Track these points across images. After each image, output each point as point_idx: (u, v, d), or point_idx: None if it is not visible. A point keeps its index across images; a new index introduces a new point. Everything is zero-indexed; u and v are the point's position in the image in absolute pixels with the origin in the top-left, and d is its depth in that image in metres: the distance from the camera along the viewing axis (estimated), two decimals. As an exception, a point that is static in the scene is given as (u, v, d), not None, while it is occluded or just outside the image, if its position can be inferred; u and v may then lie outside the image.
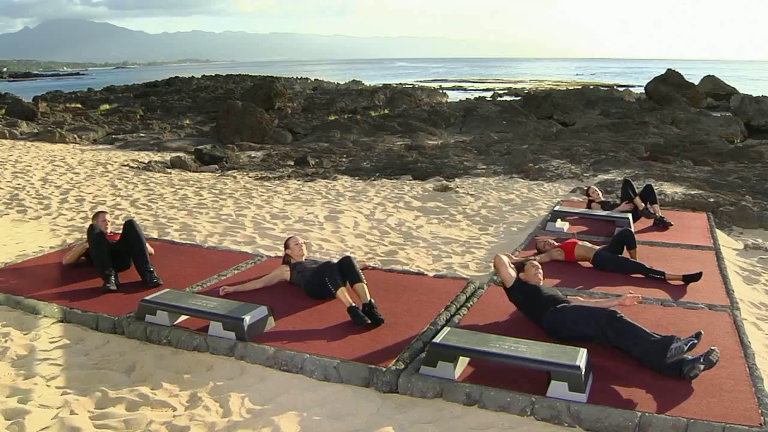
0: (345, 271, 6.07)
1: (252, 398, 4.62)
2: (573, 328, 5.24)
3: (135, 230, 7.02)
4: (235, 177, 15.31)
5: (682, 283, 7.07)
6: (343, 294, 5.86)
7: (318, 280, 6.20)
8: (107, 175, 14.88)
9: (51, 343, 5.52)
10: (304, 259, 6.89)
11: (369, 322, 5.66)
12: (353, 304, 5.77)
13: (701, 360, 4.60)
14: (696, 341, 4.74)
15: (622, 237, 7.81)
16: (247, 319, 5.37)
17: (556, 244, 7.96)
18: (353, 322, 5.66)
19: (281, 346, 5.19)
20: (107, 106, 36.60)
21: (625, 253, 7.70)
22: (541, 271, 6.10)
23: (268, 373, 4.99)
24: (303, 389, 4.74)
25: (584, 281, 7.04)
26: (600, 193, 10.91)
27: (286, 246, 7.01)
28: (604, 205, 10.37)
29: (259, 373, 5.01)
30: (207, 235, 9.59)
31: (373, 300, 5.83)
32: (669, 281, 7.09)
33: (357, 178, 15.17)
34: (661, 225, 9.71)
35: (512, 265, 6.02)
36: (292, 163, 17.36)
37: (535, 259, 6.69)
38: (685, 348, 4.65)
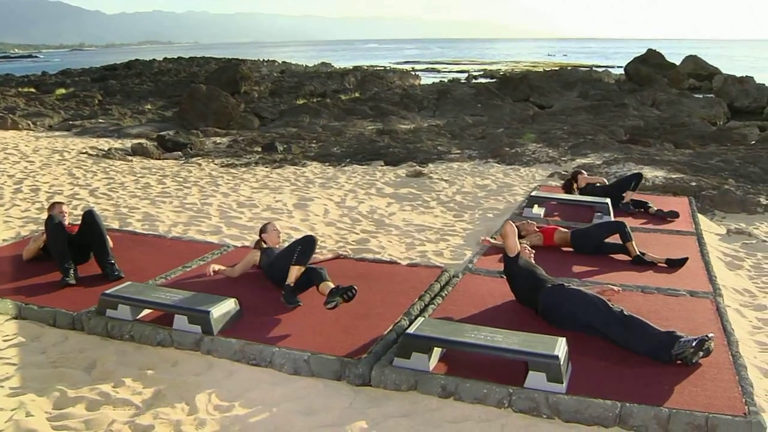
0: (312, 276, 6.04)
1: (219, 394, 4.59)
2: (575, 312, 5.29)
3: (95, 221, 6.93)
4: (199, 164, 15.18)
5: (665, 266, 7.19)
6: (295, 271, 5.94)
7: (281, 261, 6.20)
8: (64, 164, 14.67)
9: (5, 341, 5.43)
10: (276, 246, 6.91)
11: (301, 304, 5.84)
12: (292, 284, 5.91)
13: (702, 349, 4.70)
14: (706, 339, 4.76)
15: (616, 229, 7.69)
16: (214, 311, 5.34)
17: (536, 228, 8.02)
18: (284, 299, 5.85)
19: (249, 340, 5.17)
20: (63, 91, 36.01)
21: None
22: (533, 255, 6.36)
23: (236, 368, 4.97)
24: (272, 384, 4.73)
25: (565, 266, 7.12)
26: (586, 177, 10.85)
27: (263, 231, 7.02)
28: (583, 190, 10.39)
29: (227, 367, 4.98)
30: (171, 224, 9.51)
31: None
32: (651, 262, 7.26)
33: (327, 164, 15.13)
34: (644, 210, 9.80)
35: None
36: (260, 149, 17.24)
37: (527, 244, 6.77)
38: (694, 343, 4.70)
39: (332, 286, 5.76)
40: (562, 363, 4.39)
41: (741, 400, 4.28)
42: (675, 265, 7.22)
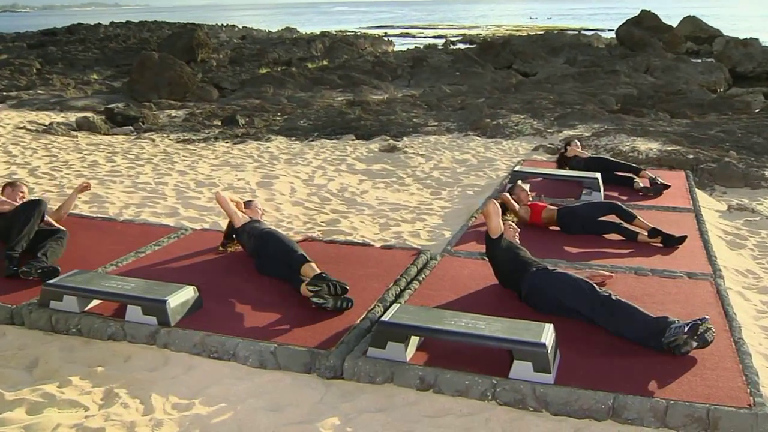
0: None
1: (178, 391, 4.57)
2: (560, 298, 5.32)
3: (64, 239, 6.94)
4: (153, 140, 15.05)
5: (661, 245, 7.23)
6: (311, 268, 5.84)
7: (278, 245, 6.23)
8: None
9: (-67, 338, 5.34)
10: (261, 219, 7.08)
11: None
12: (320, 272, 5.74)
13: (696, 337, 4.65)
14: (699, 323, 4.71)
15: (611, 210, 7.74)
16: (171, 301, 5.30)
17: (530, 199, 8.08)
18: (320, 288, 5.48)
19: (210, 331, 5.14)
20: (-6, 58, 35.38)
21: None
22: (518, 235, 6.37)
23: (196, 362, 4.95)
24: (236, 378, 4.72)
25: (553, 247, 7.17)
26: (579, 147, 10.88)
27: (247, 206, 7.14)
28: (571, 161, 10.39)
29: (186, 362, 4.96)
30: (122, 206, 9.43)
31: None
32: (642, 241, 7.30)
33: (293, 138, 15.08)
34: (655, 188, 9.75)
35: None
36: (219, 123, 17.15)
37: (513, 222, 6.79)
38: (686, 329, 4.67)
39: (317, 270, 5.75)
40: (549, 351, 4.42)
41: (745, 391, 4.30)
42: (672, 243, 7.25)
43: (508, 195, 8.09)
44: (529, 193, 8.26)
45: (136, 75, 22.59)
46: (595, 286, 5.28)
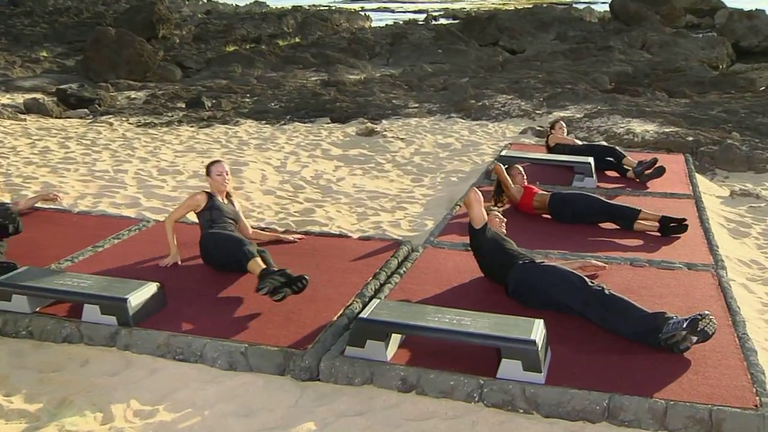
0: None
1: (140, 397, 4.54)
2: (549, 292, 5.34)
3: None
4: (111, 124, 14.92)
5: (659, 234, 7.24)
6: (257, 265, 5.73)
7: (228, 249, 6.07)
8: (-59, 125, 14.31)
9: None
10: (221, 199, 6.65)
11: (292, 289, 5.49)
12: (266, 267, 5.68)
13: (696, 332, 4.63)
14: (699, 318, 4.69)
15: (617, 212, 7.64)
16: (132, 299, 5.26)
17: (524, 180, 8.11)
18: (267, 287, 5.41)
19: (175, 331, 5.12)
20: (-70, 35, 34.84)
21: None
22: (504, 225, 6.36)
23: (161, 365, 4.92)
24: (204, 382, 4.70)
25: (542, 236, 7.19)
26: (565, 130, 10.86)
27: (207, 172, 6.71)
28: (556, 148, 10.39)
29: (149, 364, 4.93)
30: (77, 196, 9.35)
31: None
32: (639, 230, 7.32)
33: (263, 122, 15.05)
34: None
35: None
36: (183, 106, 17.05)
37: (499, 211, 6.79)
38: (685, 324, 4.65)
39: (262, 265, 5.69)
40: (540, 349, 4.42)
41: (751, 390, 4.30)
42: (671, 232, 7.27)
43: (501, 165, 8.12)
44: (524, 176, 8.27)
45: (91, 53, 22.38)
46: (587, 279, 5.29)
